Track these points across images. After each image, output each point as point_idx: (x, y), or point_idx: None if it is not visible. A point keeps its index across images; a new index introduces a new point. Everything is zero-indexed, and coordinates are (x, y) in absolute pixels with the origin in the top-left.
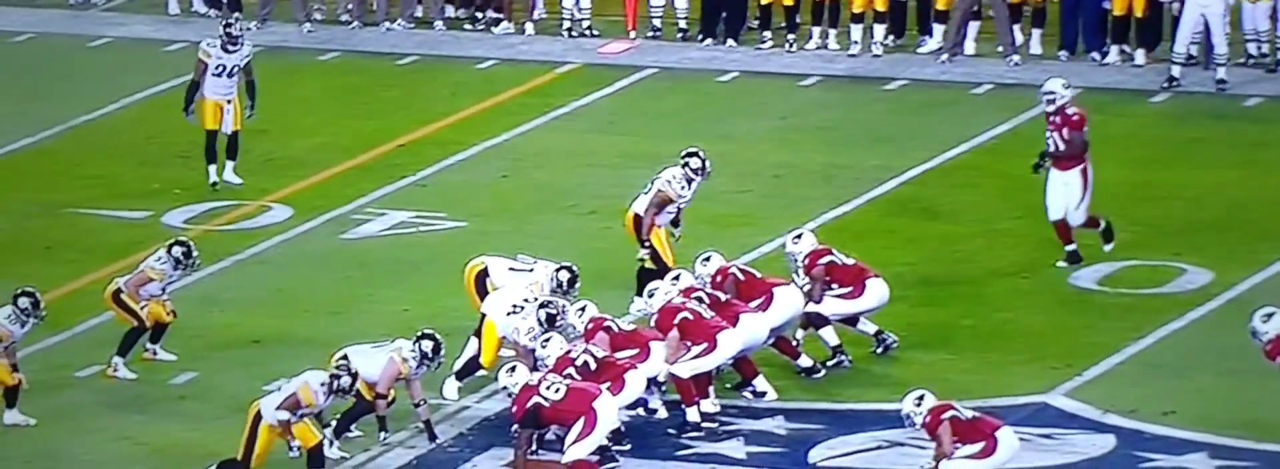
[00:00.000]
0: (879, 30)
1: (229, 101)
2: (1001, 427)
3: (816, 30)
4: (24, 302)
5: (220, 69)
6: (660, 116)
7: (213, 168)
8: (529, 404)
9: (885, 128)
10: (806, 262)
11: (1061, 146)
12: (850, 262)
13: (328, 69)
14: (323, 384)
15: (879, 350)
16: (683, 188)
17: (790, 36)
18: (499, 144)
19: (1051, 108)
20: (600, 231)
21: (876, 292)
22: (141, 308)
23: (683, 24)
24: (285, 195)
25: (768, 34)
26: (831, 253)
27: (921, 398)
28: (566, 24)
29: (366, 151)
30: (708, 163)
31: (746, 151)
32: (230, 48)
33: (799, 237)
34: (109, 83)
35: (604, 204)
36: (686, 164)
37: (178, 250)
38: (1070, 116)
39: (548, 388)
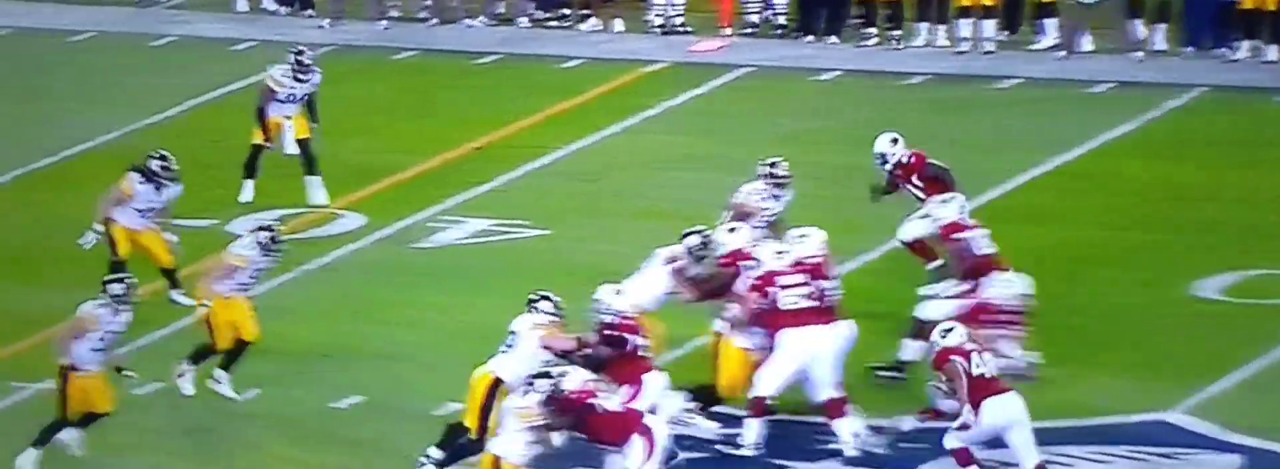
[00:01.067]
0: (990, 25)
1: (288, 117)
2: (996, 395)
3: (924, 26)
4: (116, 288)
5: (288, 97)
6: (754, 118)
7: (251, 184)
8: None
9: (995, 129)
10: (946, 227)
11: (922, 195)
12: (987, 251)
13: (403, 68)
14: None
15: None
16: (765, 199)
17: (895, 33)
18: (584, 147)
19: (887, 166)
20: None
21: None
22: (225, 298)
23: (781, 20)
24: (356, 201)
25: (871, 30)
26: (966, 229)
27: (949, 331)
28: (657, 21)
29: (443, 155)
30: (785, 171)
31: (846, 155)
32: (300, 77)
33: (946, 200)
34: (173, 84)
35: (696, 211)
36: (767, 174)
37: (263, 235)
38: (908, 164)
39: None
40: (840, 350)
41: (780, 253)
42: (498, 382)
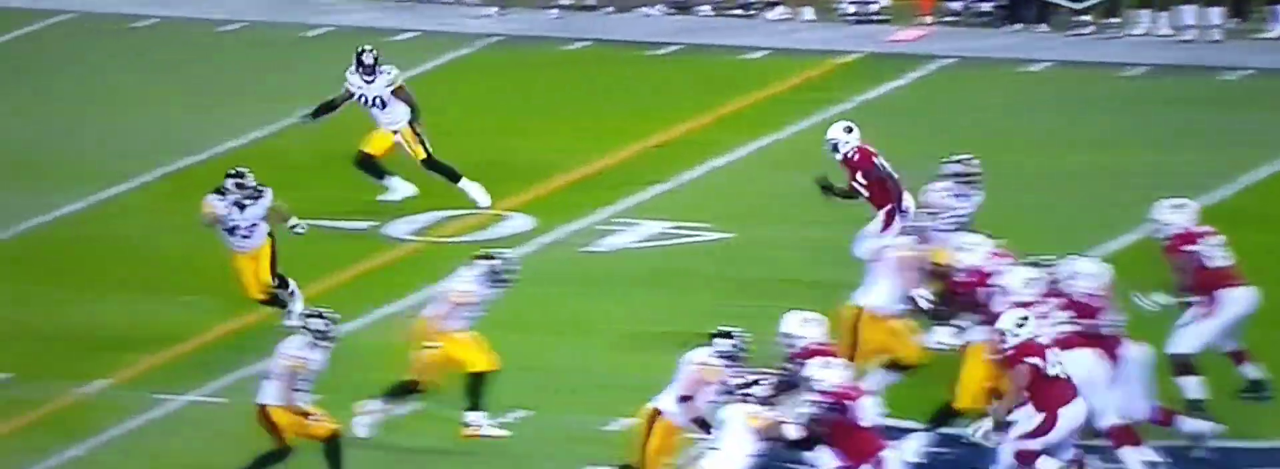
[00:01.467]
0: (1217, 12)
1: (396, 132)
2: (1070, 402)
3: (1144, 13)
4: (316, 323)
5: (362, 99)
6: (956, 113)
7: (393, 180)
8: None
9: (1220, 126)
10: (1176, 237)
11: (864, 193)
12: (1221, 264)
13: (575, 59)
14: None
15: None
16: (951, 198)
17: (1112, 20)
18: (769, 144)
19: (837, 156)
20: None
21: (1238, 301)
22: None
23: (986, 7)
24: (523, 203)
25: (1086, 17)
26: (1199, 239)
27: (1024, 320)
28: (851, 8)
29: (616, 153)
30: (975, 168)
31: (1053, 153)
32: (366, 77)
33: (1179, 206)
34: (325, 77)
35: None
36: (956, 171)
37: (487, 265)
38: (851, 158)
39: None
40: (1125, 375)
41: (1031, 280)
42: (656, 413)
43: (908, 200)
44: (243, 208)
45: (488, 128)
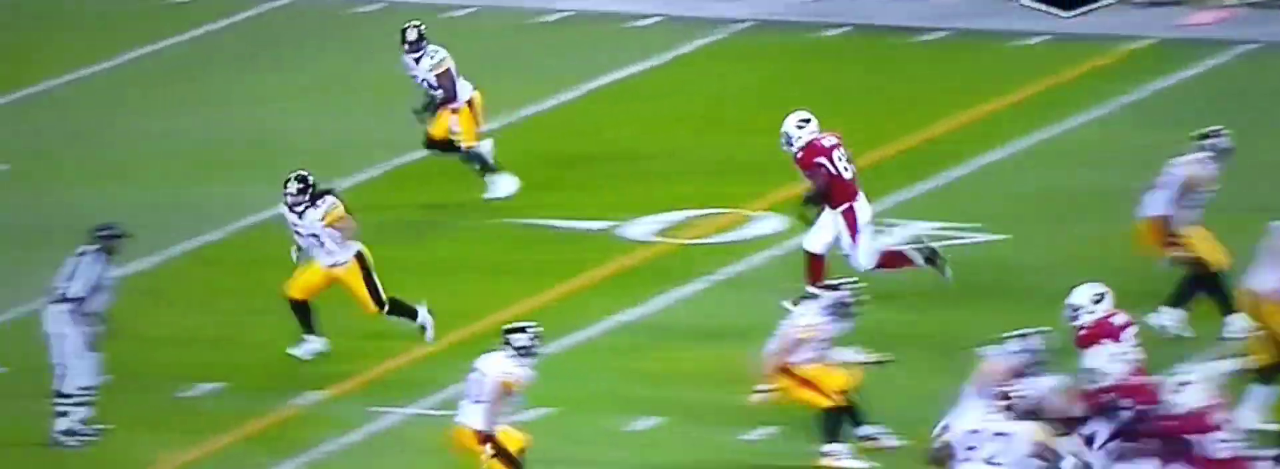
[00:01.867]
0: None
1: (455, 111)
2: None
3: None
4: (521, 339)
5: (418, 81)
6: (1260, 105)
7: (492, 177)
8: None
9: None
10: None
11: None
12: None
13: (828, 47)
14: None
15: None
16: (1206, 169)
17: None
18: (1049, 139)
19: (791, 149)
20: None
21: None
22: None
23: None
24: (774, 202)
25: None
26: None
27: (1100, 297)
28: None
29: (878, 148)
30: (1227, 144)
31: None
32: (413, 56)
33: None
34: (560, 66)
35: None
36: (1208, 145)
37: (834, 297)
38: (797, 157)
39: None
40: None
41: None
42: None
43: (862, 202)
44: (302, 215)
45: (736, 121)
